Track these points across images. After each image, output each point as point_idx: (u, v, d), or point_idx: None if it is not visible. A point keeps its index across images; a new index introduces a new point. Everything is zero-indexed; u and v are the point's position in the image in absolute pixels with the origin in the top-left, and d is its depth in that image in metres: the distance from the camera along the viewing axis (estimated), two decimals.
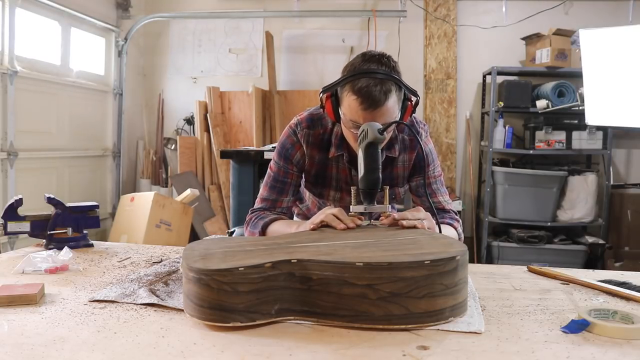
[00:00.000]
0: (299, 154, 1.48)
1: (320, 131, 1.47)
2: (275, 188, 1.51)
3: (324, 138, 1.47)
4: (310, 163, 1.49)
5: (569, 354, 0.75)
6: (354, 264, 0.84)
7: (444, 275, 0.86)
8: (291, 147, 1.49)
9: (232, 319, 0.82)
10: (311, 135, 1.47)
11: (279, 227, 1.41)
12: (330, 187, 1.52)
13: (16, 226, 1.39)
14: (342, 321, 0.84)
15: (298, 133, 1.48)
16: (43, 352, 0.73)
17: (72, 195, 4.02)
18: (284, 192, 1.51)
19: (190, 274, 0.84)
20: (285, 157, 1.50)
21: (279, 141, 1.53)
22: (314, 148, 1.48)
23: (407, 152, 1.51)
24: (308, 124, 1.47)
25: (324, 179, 1.51)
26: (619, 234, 4.05)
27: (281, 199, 1.51)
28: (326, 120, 1.46)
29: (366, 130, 1.21)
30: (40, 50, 3.76)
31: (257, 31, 4.76)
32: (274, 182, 1.51)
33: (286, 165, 1.50)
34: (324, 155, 1.48)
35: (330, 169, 1.50)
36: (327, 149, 1.47)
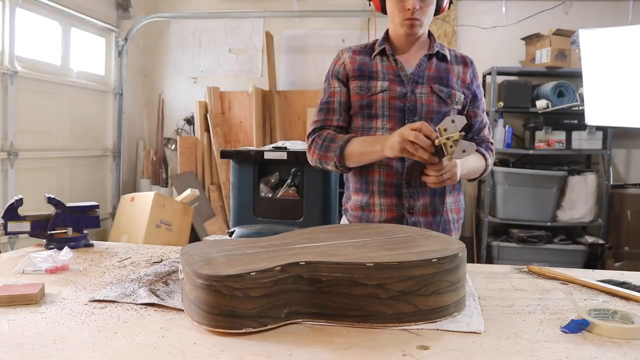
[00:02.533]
0: (338, 64, 1.58)
1: (362, 46, 1.60)
2: (322, 110, 1.58)
3: (365, 49, 1.59)
4: (352, 62, 1.56)
5: (569, 354, 0.75)
6: (364, 264, 0.84)
7: (449, 272, 0.88)
8: (332, 66, 1.60)
9: (245, 325, 0.81)
10: (352, 48, 1.61)
11: (358, 148, 1.46)
12: (377, 79, 1.53)
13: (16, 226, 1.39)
14: (352, 321, 0.85)
15: (339, 52, 1.61)
16: (43, 352, 0.74)
17: (72, 195, 4.03)
18: (330, 111, 1.56)
19: (199, 281, 0.82)
20: (327, 77, 1.61)
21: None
22: (356, 53, 1.58)
23: (460, 64, 1.59)
24: (349, 47, 1.63)
25: (369, 72, 1.54)
26: (618, 234, 4.05)
27: (330, 117, 1.56)
28: (366, 43, 1.62)
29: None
30: (41, 50, 3.76)
31: (257, 31, 4.76)
32: (321, 105, 1.59)
33: (328, 85, 1.59)
34: (367, 59, 1.56)
35: (374, 65, 1.55)
36: (370, 55, 1.56)
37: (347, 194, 1.64)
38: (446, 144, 1.19)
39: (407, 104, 1.49)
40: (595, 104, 3.45)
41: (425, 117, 1.49)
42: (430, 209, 1.51)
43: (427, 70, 1.53)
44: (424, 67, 1.53)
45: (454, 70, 1.56)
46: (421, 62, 1.53)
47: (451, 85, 1.53)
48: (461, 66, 1.58)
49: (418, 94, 1.50)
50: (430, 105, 1.50)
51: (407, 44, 1.54)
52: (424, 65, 1.53)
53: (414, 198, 1.49)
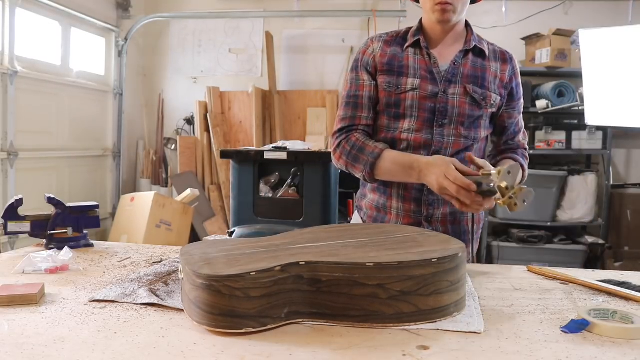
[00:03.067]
0: (367, 55, 1.46)
1: (394, 34, 1.48)
2: (349, 104, 1.46)
3: (397, 38, 1.47)
4: (382, 55, 1.44)
5: (569, 354, 0.75)
6: (364, 264, 0.84)
7: (449, 272, 0.88)
8: (360, 54, 1.48)
9: (245, 325, 0.81)
10: (383, 37, 1.48)
11: (389, 168, 1.35)
12: (408, 76, 1.41)
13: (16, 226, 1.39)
14: (352, 321, 0.85)
15: (369, 39, 1.49)
16: (43, 352, 0.73)
17: (72, 195, 4.03)
18: (358, 106, 1.45)
19: (199, 281, 0.82)
20: (354, 68, 1.48)
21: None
22: (387, 44, 1.46)
23: (498, 61, 1.48)
24: (380, 34, 1.51)
25: (399, 67, 1.42)
26: (618, 234, 4.05)
27: (359, 115, 1.45)
28: (399, 30, 1.50)
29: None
30: (41, 50, 3.76)
31: (257, 31, 4.76)
32: (348, 99, 1.47)
33: (356, 76, 1.47)
34: (398, 49, 1.45)
35: (405, 59, 1.43)
36: (402, 46, 1.45)
37: (363, 190, 1.56)
38: (510, 203, 1.08)
39: (437, 105, 1.39)
40: (595, 104, 3.45)
41: (456, 121, 1.39)
42: (450, 218, 1.43)
43: (462, 67, 1.42)
44: (458, 64, 1.42)
45: (492, 68, 1.45)
46: (456, 59, 1.42)
47: (487, 86, 1.42)
48: (500, 63, 1.47)
49: (450, 94, 1.40)
50: (462, 108, 1.39)
51: (441, 34, 1.43)
52: (459, 62, 1.42)
53: (434, 206, 1.42)
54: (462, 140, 1.41)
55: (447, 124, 1.39)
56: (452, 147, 1.40)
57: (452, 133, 1.40)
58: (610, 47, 3.36)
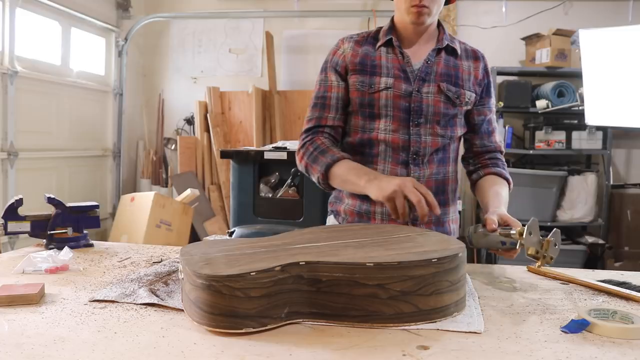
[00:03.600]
0: (337, 55, 1.44)
1: (364, 35, 1.46)
2: (317, 105, 1.45)
3: (368, 38, 1.45)
4: (354, 55, 1.42)
5: (569, 354, 0.75)
6: (364, 264, 0.84)
7: (449, 272, 0.88)
8: (329, 56, 1.46)
9: (245, 325, 0.81)
10: (354, 37, 1.46)
11: (344, 172, 1.32)
12: (381, 75, 1.39)
13: (16, 226, 1.39)
14: (352, 321, 0.85)
15: (339, 41, 1.46)
16: (43, 352, 0.73)
17: (72, 195, 4.03)
18: (325, 107, 1.43)
19: (199, 281, 0.82)
20: (323, 69, 1.46)
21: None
22: (358, 44, 1.44)
23: (470, 59, 1.47)
24: (351, 34, 1.48)
25: (372, 67, 1.40)
26: (618, 234, 4.05)
27: (325, 116, 1.43)
28: (368, 31, 1.48)
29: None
30: (41, 50, 3.76)
31: (257, 31, 4.76)
32: (315, 100, 1.45)
33: (325, 77, 1.45)
34: (370, 48, 1.43)
35: (378, 58, 1.41)
36: (374, 45, 1.43)
37: (339, 194, 1.50)
38: (546, 260, 1.05)
39: (412, 105, 1.37)
40: (595, 104, 3.45)
41: (432, 120, 1.38)
42: (434, 219, 1.41)
43: (435, 66, 1.41)
44: (432, 63, 1.40)
45: (464, 67, 1.44)
46: (429, 57, 1.41)
47: (461, 84, 1.41)
48: (472, 61, 1.46)
49: (424, 93, 1.38)
50: (437, 107, 1.38)
51: (414, 34, 1.41)
52: (432, 61, 1.41)
53: None
54: (439, 139, 1.40)
55: (423, 123, 1.38)
56: (431, 146, 1.39)
57: (428, 132, 1.39)
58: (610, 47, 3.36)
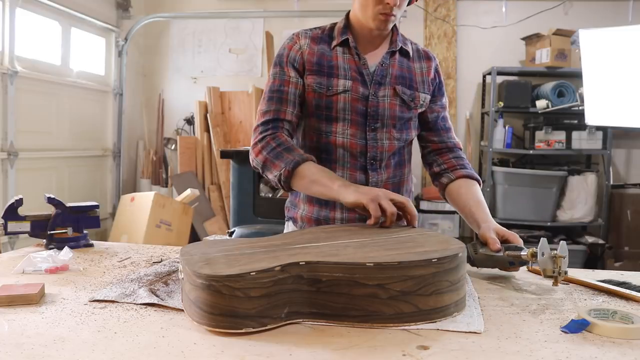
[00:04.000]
0: (294, 51, 1.36)
1: (319, 32, 1.40)
2: (273, 98, 1.35)
3: (323, 35, 1.39)
4: (311, 53, 1.35)
5: (569, 354, 0.75)
6: (364, 264, 0.84)
7: (449, 272, 0.88)
8: (285, 49, 1.38)
9: (245, 325, 0.81)
10: (309, 33, 1.39)
11: (314, 173, 1.23)
12: (339, 77, 1.34)
13: (16, 226, 1.39)
14: (352, 321, 0.85)
15: (294, 34, 1.39)
16: (43, 352, 0.73)
17: (72, 195, 4.03)
18: (282, 100, 1.34)
19: (199, 281, 0.82)
20: (279, 62, 1.38)
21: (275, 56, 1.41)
22: (314, 41, 1.37)
23: (422, 60, 1.44)
24: (305, 29, 1.41)
25: (329, 67, 1.35)
26: (618, 234, 4.05)
27: (283, 109, 1.33)
28: (323, 26, 1.41)
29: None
30: (41, 50, 3.76)
31: (257, 31, 4.76)
32: (271, 93, 1.36)
33: (281, 71, 1.36)
34: (326, 47, 1.37)
35: (334, 58, 1.36)
36: (329, 43, 1.37)
37: (294, 200, 1.44)
38: (561, 276, 1.02)
39: (369, 109, 1.33)
40: (595, 104, 3.45)
41: (388, 124, 1.35)
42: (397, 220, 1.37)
43: (390, 68, 1.37)
44: (386, 65, 1.37)
45: (416, 68, 1.41)
46: (384, 60, 1.37)
47: (415, 87, 1.39)
48: (424, 61, 1.43)
49: (381, 97, 1.34)
50: (393, 110, 1.35)
51: (371, 36, 1.36)
52: (386, 63, 1.37)
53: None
54: (395, 143, 1.38)
55: (380, 128, 1.35)
56: (388, 150, 1.36)
57: (385, 137, 1.36)
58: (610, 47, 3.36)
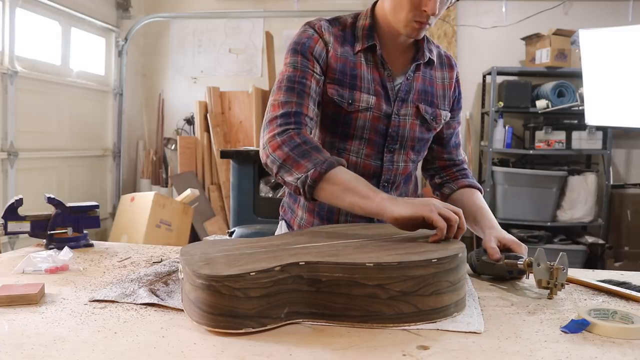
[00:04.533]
0: (319, 45, 1.18)
1: (340, 27, 1.22)
2: (293, 90, 1.14)
3: (345, 33, 1.21)
4: (334, 57, 1.18)
5: (569, 354, 0.75)
6: (364, 264, 0.84)
7: (449, 273, 0.88)
8: (308, 39, 1.18)
9: (244, 325, 0.81)
10: (331, 28, 1.21)
11: (351, 180, 1.04)
12: (362, 90, 1.19)
13: (16, 226, 1.39)
14: (352, 321, 0.85)
15: (315, 25, 1.20)
16: (43, 352, 0.73)
17: (72, 195, 4.03)
18: (305, 95, 1.14)
19: (199, 281, 0.82)
20: (302, 51, 1.17)
21: (290, 43, 1.21)
22: (337, 41, 1.20)
23: (445, 68, 1.29)
24: (324, 20, 1.22)
25: (352, 78, 1.18)
26: (618, 234, 4.05)
27: (305, 104, 1.13)
28: (344, 19, 1.24)
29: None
30: (41, 50, 3.76)
31: (257, 31, 4.76)
32: (290, 83, 1.15)
33: (304, 62, 1.16)
34: (349, 50, 1.20)
35: (358, 65, 1.19)
36: (352, 44, 1.21)
37: (292, 204, 1.33)
38: (557, 288, 1.02)
39: (390, 129, 1.22)
40: (595, 104, 3.45)
41: (406, 145, 1.25)
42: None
43: (414, 82, 1.24)
44: (411, 79, 1.23)
45: (438, 80, 1.28)
46: (409, 74, 1.23)
47: (436, 103, 1.27)
48: (446, 70, 1.30)
49: (402, 115, 1.22)
50: (413, 131, 1.24)
51: (399, 41, 1.21)
52: (411, 77, 1.23)
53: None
54: (410, 165, 1.29)
55: (397, 149, 1.24)
56: (402, 172, 1.28)
57: (402, 159, 1.26)
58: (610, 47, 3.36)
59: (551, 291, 1.02)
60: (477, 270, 1.18)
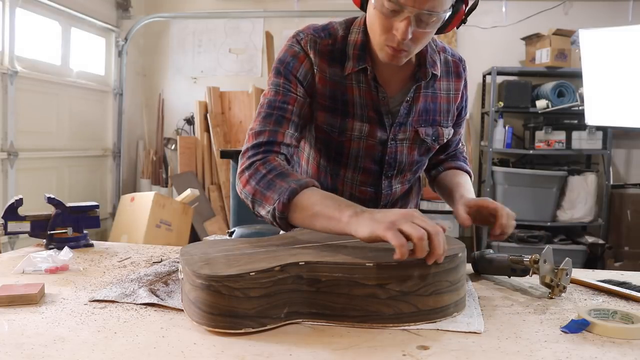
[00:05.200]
0: (305, 66, 1.10)
1: (329, 41, 1.11)
2: (271, 116, 1.08)
3: (334, 49, 1.11)
4: (322, 80, 1.10)
5: (569, 354, 0.75)
6: (363, 264, 0.84)
7: (449, 272, 0.88)
8: (293, 59, 1.10)
9: (244, 325, 0.81)
10: (319, 44, 1.10)
11: (317, 202, 0.95)
12: (354, 117, 1.11)
13: (16, 226, 1.39)
14: (352, 321, 0.85)
15: (301, 40, 1.11)
16: (43, 352, 0.73)
17: (72, 195, 4.03)
18: (284, 121, 1.08)
19: (198, 281, 0.82)
20: (285, 73, 1.10)
21: (275, 60, 1.13)
22: (324, 60, 1.10)
23: (451, 77, 1.18)
24: (313, 31, 1.12)
25: (344, 104, 1.10)
26: (618, 234, 4.05)
27: (282, 131, 1.07)
28: (335, 29, 1.14)
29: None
30: (41, 50, 3.76)
31: (257, 31, 4.76)
32: (270, 109, 1.09)
33: (286, 84, 1.10)
34: (338, 71, 1.10)
35: (349, 90, 1.10)
36: (342, 63, 1.10)
37: None
38: (560, 289, 1.02)
39: (386, 156, 1.15)
40: (595, 104, 3.46)
41: (404, 169, 1.20)
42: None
43: (414, 104, 1.14)
44: (410, 101, 1.13)
45: (443, 92, 1.18)
46: (410, 96, 1.13)
47: (438, 121, 1.18)
48: (453, 80, 1.19)
49: (400, 140, 1.15)
50: (412, 156, 1.18)
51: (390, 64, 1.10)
52: (411, 98, 1.13)
53: None
54: (407, 184, 1.26)
55: (395, 175, 1.20)
56: (400, 192, 1.25)
57: (398, 181, 1.22)
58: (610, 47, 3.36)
59: (552, 290, 1.02)
60: (479, 270, 1.18)
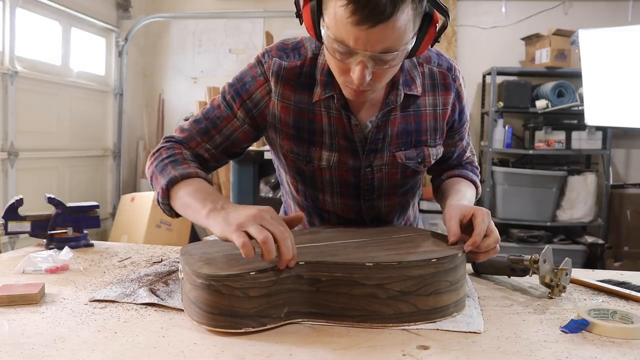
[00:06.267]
0: (261, 92, 1.06)
1: (297, 63, 1.04)
2: (200, 123, 1.08)
3: (302, 72, 1.04)
4: (285, 109, 1.05)
5: (569, 354, 0.75)
6: (363, 264, 0.84)
7: (449, 272, 0.88)
8: (251, 80, 1.06)
9: (244, 324, 0.81)
10: (284, 69, 1.04)
11: (188, 193, 0.95)
12: (322, 146, 1.06)
13: (17, 226, 1.39)
14: (352, 321, 0.85)
15: (265, 63, 1.05)
16: (43, 352, 0.74)
17: (73, 195, 4.03)
18: (207, 135, 1.07)
19: (199, 281, 0.82)
20: (236, 91, 1.07)
21: (238, 72, 1.10)
22: (288, 87, 1.04)
23: (438, 92, 1.08)
24: (279, 52, 1.05)
25: (310, 133, 1.06)
26: (618, 233, 4.05)
27: (200, 141, 1.08)
28: (305, 48, 1.06)
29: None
30: (41, 50, 3.76)
31: (257, 31, 4.76)
32: (203, 117, 1.09)
33: (231, 102, 1.07)
34: (305, 98, 1.05)
35: (318, 117, 1.05)
36: (310, 88, 1.04)
37: (293, 205, 1.29)
38: (559, 290, 1.02)
39: (362, 182, 1.11)
40: (595, 104, 3.46)
41: (386, 193, 1.14)
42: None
43: (388, 127, 1.07)
44: (383, 125, 1.06)
45: (428, 107, 1.08)
46: (379, 121, 1.05)
47: (423, 141, 1.10)
48: (440, 94, 1.09)
49: (377, 166, 1.09)
50: (392, 180, 1.12)
51: None
52: (383, 123, 1.06)
53: None
54: (397, 206, 1.21)
55: (377, 198, 1.15)
56: (387, 212, 1.20)
57: (384, 204, 1.17)
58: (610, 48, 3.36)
59: (552, 290, 1.02)
60: (479, 270, 1.18)
